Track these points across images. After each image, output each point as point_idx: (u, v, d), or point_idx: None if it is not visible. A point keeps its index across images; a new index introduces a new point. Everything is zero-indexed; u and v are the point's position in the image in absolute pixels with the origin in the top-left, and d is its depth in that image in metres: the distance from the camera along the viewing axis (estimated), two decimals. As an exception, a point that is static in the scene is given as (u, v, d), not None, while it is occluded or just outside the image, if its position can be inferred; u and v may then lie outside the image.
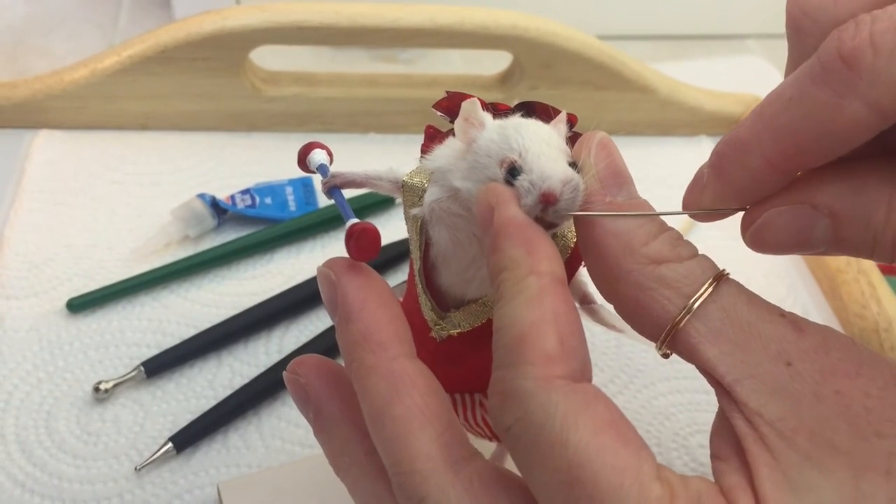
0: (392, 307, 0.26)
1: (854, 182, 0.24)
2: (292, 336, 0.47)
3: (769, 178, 0.25)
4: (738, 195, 0.26)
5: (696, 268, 0.25)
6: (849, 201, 0.24)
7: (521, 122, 0.27)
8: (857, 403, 0.22)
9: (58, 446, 0.41)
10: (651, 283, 0.24)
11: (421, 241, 0.28)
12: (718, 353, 0.24)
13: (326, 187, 0.29)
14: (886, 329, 0.46)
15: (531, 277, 0.23)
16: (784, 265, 0.52)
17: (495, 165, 0.26)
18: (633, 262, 0.25)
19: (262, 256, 0.51)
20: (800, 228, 0.25)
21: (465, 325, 0.29)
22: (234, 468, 0.40)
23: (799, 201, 0.25)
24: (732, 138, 0.25)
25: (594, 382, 0.23)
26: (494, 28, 0.55)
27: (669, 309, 0.24)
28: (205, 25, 0.54)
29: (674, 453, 0.42)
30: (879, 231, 0.24)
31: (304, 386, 0.28)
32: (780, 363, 0.23)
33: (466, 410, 0.32)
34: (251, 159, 0.57)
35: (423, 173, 0.28)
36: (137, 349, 0.45)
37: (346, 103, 0.59)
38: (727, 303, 0.24)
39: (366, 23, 0.54)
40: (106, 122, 0.58)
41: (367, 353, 0.25)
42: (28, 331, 0.45)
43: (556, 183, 0.25)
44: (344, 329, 0.26)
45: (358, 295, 0.26)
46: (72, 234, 0.51)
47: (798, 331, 0.24)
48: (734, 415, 0.23)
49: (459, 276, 0.28)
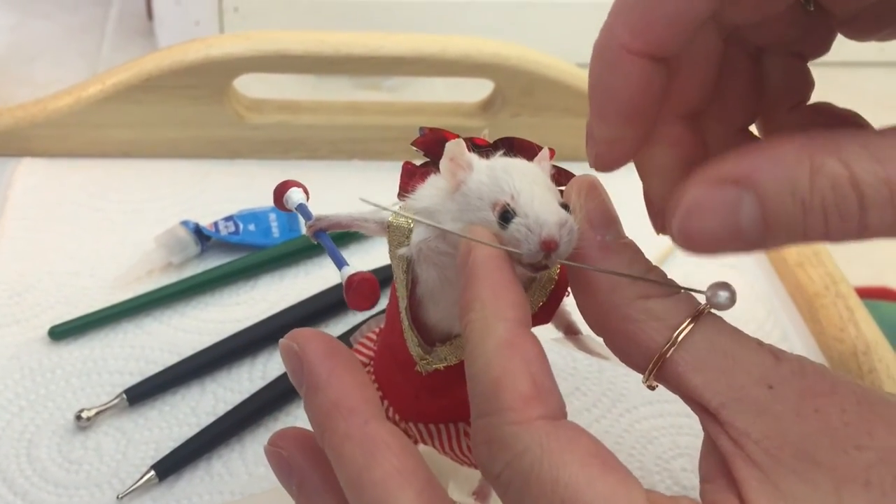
0: (358, 372, 0.26)
1: (771, 152, 0.23)
2: (276, 362, 0.46)
3: (633, 68, 0.24)
4: (616, 107, 0.25)
5: (680, 303, 0.26)
6: (770, 170, 0.23)
7: (509, 162, 0.27)
8: (835, 419, 0.23)
9: (39, 475, 0.40)
10: (639, 316, 0.25)
11: (407, 279, 0.28)
12: (704, 381, 0.24)
13: (312, 231, 0.29)
14: (865, 352, 0.47)
15: (498, 323, 0.24)
16: (763, 289, 0.53)
17: (487, 208, 0.26)
18: (621, 297, 0.26)
19: (245, 283, 0.51)
20: (726, 208, 0.23)
21: (452, 359, 0.29)
22: (218, 496, 0.40)
23: (720, 179, 0.23)
24: (593, 49, 0.25)
25: (577, 406, 0.23)
26: (476, 56, 0.56)
27: (657, 339, 0.25)
28: (189, 54, 0.54)
29: (656, 476, 0.42)
30: (807, 197, 0.22)
31: (286, 459, 0.28)
32: (762, 386, 0.24)
33: (451, 440, 0.33)
34: (235, 186, 0.57)
35: (407, 213, 0.28)
36: (120, 377, 0.45)
37: (329, 131, 0.59)
38: (710, 333, 0.25)
39: (349, 51, 0.55)
40: (89, 150, 0.58)
41: (338, 420, 0.25)
42: (10, 358, 0.45)
43: (554, 228, 0.25)
44: (312, 399, 0.26)
45: (323, 363, 0.26)
46: (54, 262, 0.51)
47: (776, 358, 0.25)
48: (721, 437, 0.24)
49: (447, 312, 0.29)
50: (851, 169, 0.22)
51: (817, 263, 0.52)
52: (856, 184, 0.22)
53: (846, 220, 0.22)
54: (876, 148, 0.22)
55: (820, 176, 0.22)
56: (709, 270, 0.54)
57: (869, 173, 0.21)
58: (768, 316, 0.51)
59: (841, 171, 0.22)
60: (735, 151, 0.24)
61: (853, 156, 0.22)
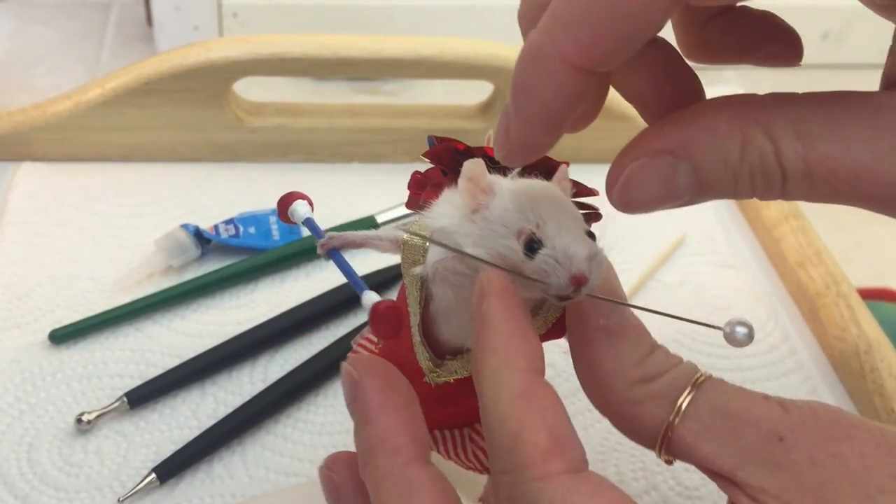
0: (410, 409, 0.26)
1: (705, 123, 0.24)
2: (276, 365, 0.46)
3: (570, 81, 0.23)
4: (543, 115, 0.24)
5: (680, 374, 0.26)
6: (704, 142, 0.24)
7: (532, 186, 0.27)
8: (854, 464, 0.23)
9: (40, 478, 0.40)
10: (640, 398, 0.26)
11: (421, 296, 0.28)
12: (714, 447, 0.25)
13: (324, 249, 0.29)
14: (866, 351, 0.46)
15: (511, 374, 0.24)
16: (764, 289, 0.53)
17: (511, 236, 0.26)
18: (621, 381, 0.26)
19: (245, 286, 0.51)
20: (663, 177, 0.25)
21: (463, 372, 0.29)
22: (219, 498, 0.40)
23: (656, 150, 0.25)
24: (525, 49, 0.24)
25: (579, 407, 0.23)
26: (475, 58, 0.56)
27: (660, 415, 0.25)
28: (188, 57, 0.54)
29: (659, 477, 0.42)
30: (737, 169, 0.24)
31: (336, 483, 0.28)
32: (773, 440, 0.24)
33: (456, 446, 0.32)
34: (234, 189, 0.57)
35: (422, 231, 0.28)
36: (120, 380, 0.45)
37: (329, 133, 0.59)
38: (713, 397, 0.25)
39: (348, 54, 0.55)
40: (89, 154, 0.58)
41: (381, 457, 0.25)
42: (10, 362, 0.45)
43: (584, 263, 0.25)
44: (360, 430, 0.26)
45: (377, 397, 0.26)
46: (54, 266, 0.51)
47: (784, 408, 0.25)
48: (741, 499, 0.24)
49: (460, 329, 0.28)
50: (777, 145, 0.24)
51: (818, 263, 0.52)
52: (780, 158, 0.24)
53: (770, 187, 0.24)
54: (800, 122, 0.24)
55: (749, 149, 0.24)
56: (709, 272, 0.54)
57: (791, 150, 0.24)
58: (769, 316, 0.51)
59: (768, 146, 0.24)
60: (669, 121, 0.25)
61: (780, 132, 0.24)
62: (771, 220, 0.56)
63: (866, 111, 0.24)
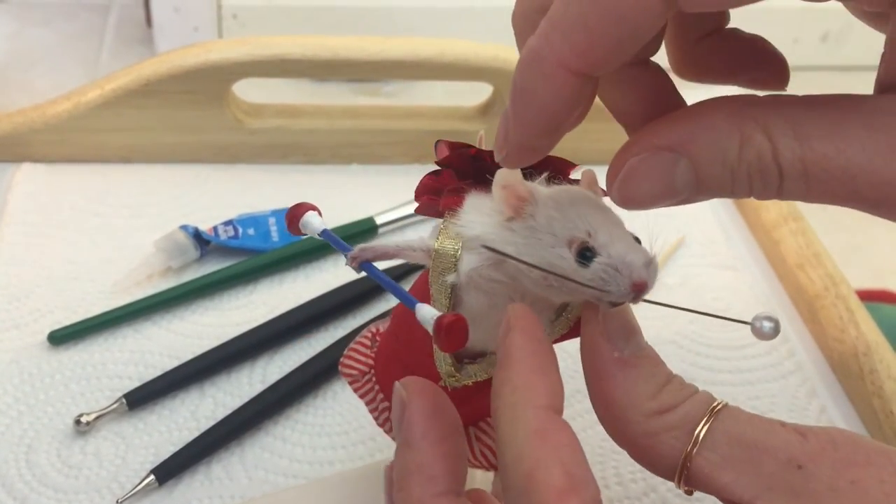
0: (452, 438, 0.26)
1: (704, 120, 0.25)
2: (276, 366, 0.46)
3: (567, 85, 0.24)
4: (542, 118, 0.25)
5: (696, 404, 0.26)
6: (703, 140, 0.24)
7: (572, 193, 0.27)
8: (875, 491, 0.23)
9: (38, 480, 0.40)
10: (657, 430, 0.26)
11: (449, 303, 0.28)
12: (733, 477, 0.25)
13: (356, 263, 0.28)
14: (865, 353, 0.46)
15: (529, 410, 0.24)
16: (763, 291, 0.53)
17: (561, 245, 0.26)
18: (639, 414, 0.26)
19: (244, 287, 0.51)
20: (662, 172, 0.25)
21: (482, 375, 0.29)
22: (218, 500, 0.40)
23: (656, 146, 0.25)
24: (524, 54, 0.24)
25: (579, 409, 0.23)
26: (475, 60, 0.56)
27: (677, 446, 0.25)
28: (188, 58, 0.54)
29: (659, 478, 0.42)
30: (735, 167, 0.24)
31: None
32: (791, 468, 0.24)
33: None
34: (234, 191, 0.57)
35: (452, 239, 0.28)
36: (119, 381, 0.45)
37: (328, 135, 0.59)
38: (730, 426, 0.25)
39: (348, 55, 0.55)
40: (88, 155, 0.58)
41: (415, 484, 0.26)
42: (9, 363, 0.45)
43: (644, 270, 0.25)
44: (401, 453, 0.27)
45: (421, 422, 0.26)
46: (53, 267, 0.51)
47: (801, 436, 0.25)
48: None
49: (486, 334, 0.28)
50: (775, 144, 0.24)
51: (817, 265, 0.52)
52: (777, 157, 0.24)
53: (767, 186, 0.24)
54: (798, 123, 0.24)
55: (748, 148, 0.24)
56: (708, 273, 0.54)
57: (789, 149, 0.24)
58: (768, 318, 0.51)
59: (766, 145, 0.24)
60: (669, 118, 0.25)
61: (777, 131, 0.24)
62: (770, 221, 0.56)
63: (862, 113, 0.24)
